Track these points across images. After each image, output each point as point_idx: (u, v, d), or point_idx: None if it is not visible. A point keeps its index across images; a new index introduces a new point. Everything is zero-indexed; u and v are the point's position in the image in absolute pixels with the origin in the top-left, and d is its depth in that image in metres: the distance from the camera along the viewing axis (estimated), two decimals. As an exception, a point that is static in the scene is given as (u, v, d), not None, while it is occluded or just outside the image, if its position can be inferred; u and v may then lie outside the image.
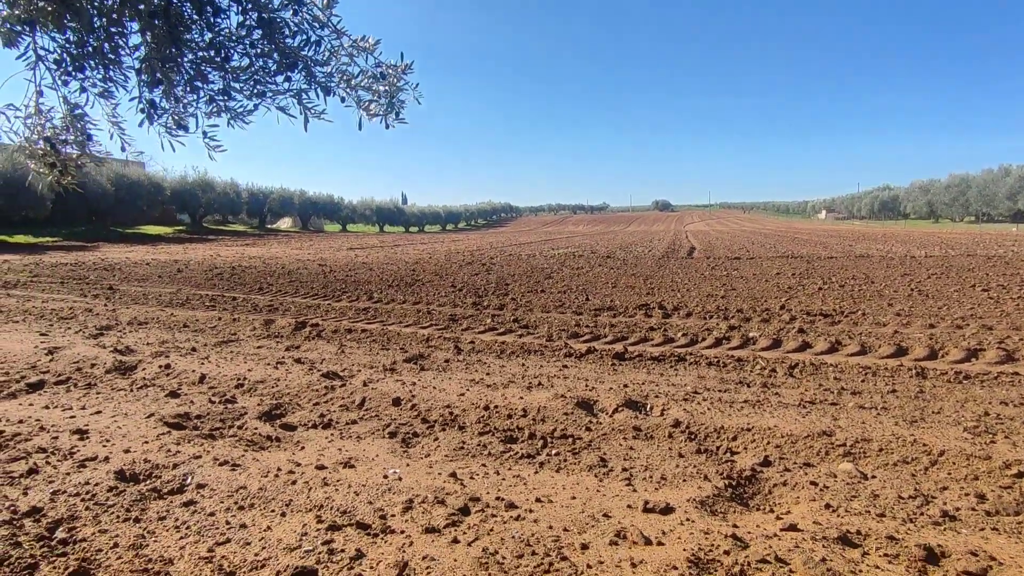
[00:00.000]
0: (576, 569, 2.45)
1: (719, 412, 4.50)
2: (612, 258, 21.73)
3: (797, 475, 3.36)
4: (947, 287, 11.07)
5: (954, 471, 3.39)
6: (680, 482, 3.31)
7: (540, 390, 5.20)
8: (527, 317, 9.12)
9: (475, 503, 3.04)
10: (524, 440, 3.95)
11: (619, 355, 6.39)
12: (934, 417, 4.33)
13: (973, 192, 48.92)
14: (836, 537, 2.68)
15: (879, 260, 17.68)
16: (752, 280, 13.14)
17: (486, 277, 15.35)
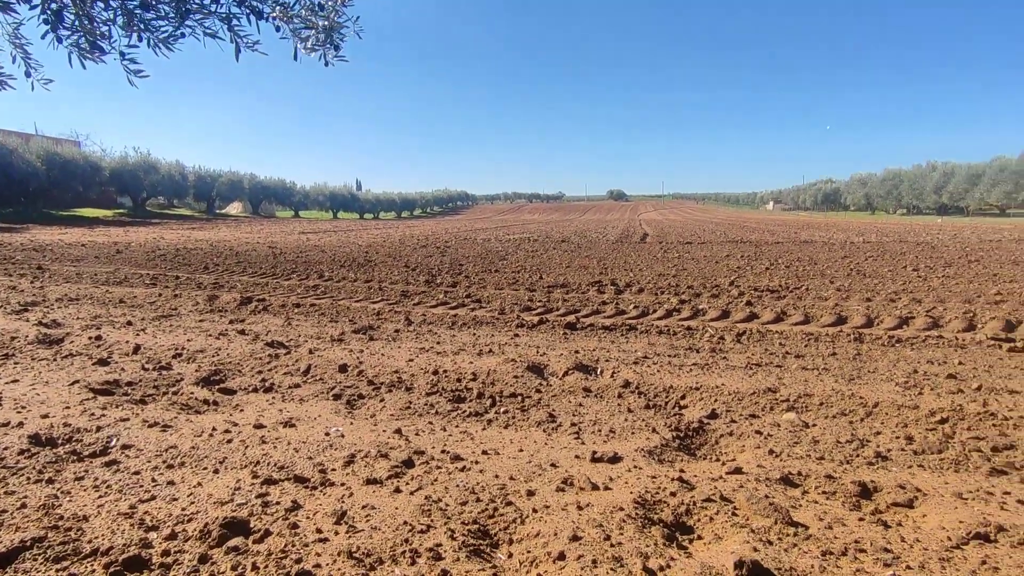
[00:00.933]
0: (521, 513, 2.40)
1: (668, 374, 4.54)
2: (567, 242, 21.83)
3: (743, 426, 3.41)
4: (882, 268, 11.58)
5: (887, 419, 3.51)
6: (629, 434, 3.31)
7: (491, 356, 5.13)
8: (480, 293, 9.03)
9: (419, 456, 2.96)
10: (472, 400, 3.88)
11: (571, 325, 6.39)
12: (870, 375, 4.48)
13: (905, 186, 51.56)
14: (779, 478, 2.73)
15: (822, 245, 18.36)
16: (703, 262, 13.42)
17: (440, 259, 15.17)
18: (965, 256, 13.56)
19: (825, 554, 2.11)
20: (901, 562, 2.08)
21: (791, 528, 2.27)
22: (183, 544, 2.14)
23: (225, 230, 31.12)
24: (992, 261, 12.38)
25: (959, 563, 2.08)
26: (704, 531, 2.30)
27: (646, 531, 2.24)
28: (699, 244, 19.48)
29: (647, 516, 2.35)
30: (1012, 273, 10.30)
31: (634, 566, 2.00)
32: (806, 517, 2.39)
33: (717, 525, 2.32)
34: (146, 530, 2.24)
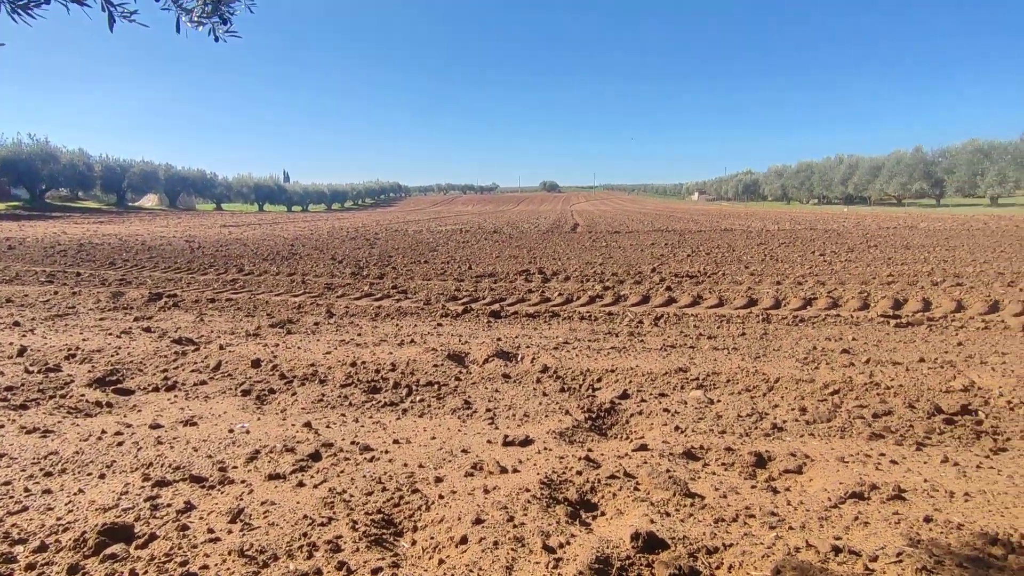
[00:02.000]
0: (427, 500, 2.37)
1: (586, 357, 4.63)
2: (498, 233, 21.86)
3: (652, 404, 3.52)
4: (792, 253, 12.28)
5: (785, 393, 3.71)
6: (542, 418, 3.34)
7: (412, 346, 5.07)
8: (407, 284, 8.90)
9: (328, 449, 2.87)
10: (388, 390, 3.82)
11: (495, 313, 6.40)
12: (774, 353, 4.74)
13: (816, 177, 55.08)
14: (681, 452, 2.83)
15: (740, 233, 19.26)
16: (629, 250, 13.77)
17: (369, 251, 14.83)
18: (865, 242, 14.58)
19: (717, 521, 2.21)
20: (784, 524, 2.20)
21: (688, 499, 2.36)
22: (54, 556, 1.98)
23: (138, 224, 29.20)
24: (888, 246, 13.37)
25: (835, 520, 2.23)
26: (607, 507, 2.36)
27: (550, 510, 2.27)
28: (627, 233, 19.99)
29: (552, 496, 2.38)
30: (903, 257, 11.17)
31: (534, 545, 2.02)
32: (703, 488, 2.49)
33: (620, 500, 2.38)
34: (11, 544, 2.06)
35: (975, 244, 13.22)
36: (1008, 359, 4.45)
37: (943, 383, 3.87)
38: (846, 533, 2.15)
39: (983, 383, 3.87)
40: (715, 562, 1.97)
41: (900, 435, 3.05)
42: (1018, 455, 2.83)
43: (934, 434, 3.06)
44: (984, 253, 11.33)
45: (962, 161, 39.03)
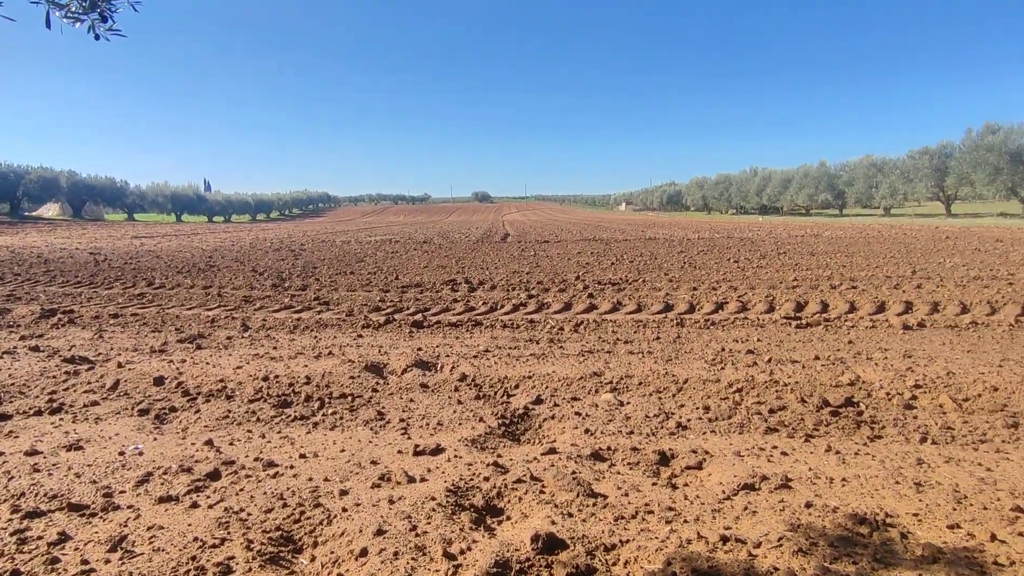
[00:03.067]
0: (330, 514, 2.31)
1: (506, 365, 4.66)
2: (428, 243, 21.71)
3: (565, 408, 3.58)
4: (710, 260, 12.89)
5: (693, 393, 3.88)
6: (456, 426, 3.34)
7: (329, 358, 4.94)
8: (331, 296, 8.68)
9: (229, 467, 2.75)
10: (300, 403, 3.70)
11: (418, 323, 6.34)
12: (686, 355, 4.94)
13: (734, 188, 58.25)
14: (589, 454, 2.90)
15: (663, 242, 20.03)
16: (556, 259, 14.02)
17: (293, 262, 14.36)
18: (776, 249, 15.50)
19: (617, 519, 2.27)
20: (680, 517, 2.29)
21: (591, 499, 2.42)
22: (-103, 598, 1.79)
23: (34, 235, 26.96)
24: (795, 253, 14.28)
25: (727, 512, 2.35)
26: (513, 511, 2.38)
27: (455, 517, 2.26)
28: (555, 243, 20.34)
29: (458, 503, 2.38)
30: (808, 263, 11.96)
31: (435, 553, 2.01)
32: (607, 488, 2.56)
33: (525, 504, 2.41)
34: None
35: (869, 251, 14.33)
36: (889, 354, 4.85)
37: (833, 378, 4.17)
38: (736, 523, 2.27)
39: (867, 377, 4.19)
40: (612, 559, 2.03)
41: (792, 428, 3.25)
42: (891, 441, 3.08)
43: (821, 426, 3.28)
44: (876, 259, 12.30)
45: (860, 175, 42.37)
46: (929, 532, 2.21)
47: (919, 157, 37.10)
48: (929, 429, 3.22)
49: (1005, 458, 2.86)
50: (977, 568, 1.95)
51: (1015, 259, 11.81)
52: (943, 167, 35.14)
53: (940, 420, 3.35)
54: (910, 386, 3.96)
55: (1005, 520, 2.26)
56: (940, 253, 13.34)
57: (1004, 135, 31.79)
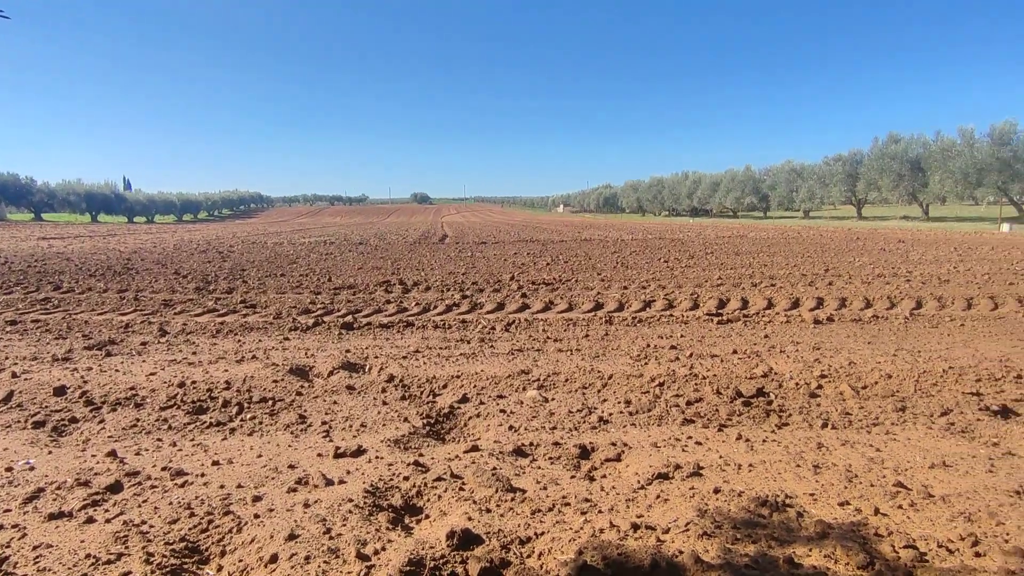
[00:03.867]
0: (240, 521, 2.23)
1: (435, 365, 4.64)
2: (364, 244, 21.30)
3: (490, 406, 3.61)
4: (641, 260, 13.29)
5: (616, 388, 3.99)
6: (380, 427, 3.29)
7: (252, 362, 4.76)
8: (258, 299, 8.37)
9: (132, 478, 2.60)
10: (217, 409, 3.55)
11: (348, 325, 6.22)
12: (613, 352, 5.07)
13: (666, 191, 60.40)
14: (511, 450, 2.93)
15: (598, 243, 20.46)
16: (493, 260, 14.06)
17: (220, 264, 13.75)
18: (704, 250, 16.15)
19: (534, 512, 2.31)
20: (595, 508, 2.36)
21: (510, 494, 2.45)
22: None
23: (-76, 236, 24.63)
24: (721, 253, 14.92)
25: (640, 500, 2.43)
26: (432, 509, 2.37)
27: (372, 518, 2.23)
28: (493, 244, 20.40)
29: (376, 503, 2.35)
30: (733, 262, 12.53)
31: (348, 555, 1.97)
32: (526, 482, 2.60)
33: (444, 502, 2.41)
34: None
35: (789, 251, 15.16)
36: (800, 347, 5.15)
37: (748, 370, 4.39)
38: (648, 511, 2.35)
39: (779, 369, 4.43)
40: (527, 551, 2.06)
41: (707, 419, 3.40)
42: (796, 428, 3.27)
43: (735, 416, 3.45)
44: (794, 258, 13.03)
45: (781, 179, 44.79)
46: (823, 510, 2.36)
47: (833, 163, 39.60)
48: (830, 415, 3.44)
49: (893, 439, 3.10)
50: (860, 540, 2.11)
51: (914, 258, 12.79)
52: (854, 173, 37.64)
53: (840, 406, 3.59)
54: (816, 376, 4.22)
55: (888, 495, 2.45)
56: (851, 253, 14.26)
57: (905, 145, 34.42)
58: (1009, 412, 3.48)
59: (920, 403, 3.62)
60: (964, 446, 2.98)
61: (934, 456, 2.85)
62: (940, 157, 31.42)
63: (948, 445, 3.00)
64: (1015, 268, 10.54)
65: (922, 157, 33.07)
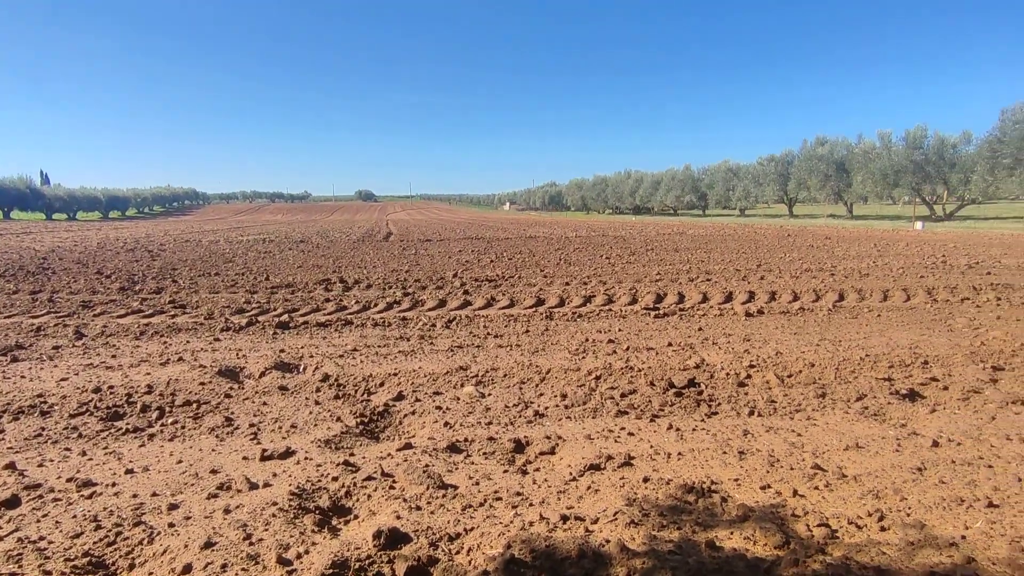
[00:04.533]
0: (152, 531, 2.11)
1: (372, 363, 4.55)
2: (306, 242, 20.71)
3: (427, 403, 3.56)
4: (584, 257, 13.47)
5: (554, 382, 4.02)
6: (311, 427, 3.20)
7: (178, 365, 4.53)
8: (189, 299, 7.99)
9: (32, 491, 2.42)
10: (135, 415, 3.36)
11: (283, 324, 6.02)
12: (552, 347, 5.11)
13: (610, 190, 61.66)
14: (445, 447, 2.90)
15: (542, 240, 20.62)
16: (437, 257, 13.94)
17: (149, 263, 13.06)
18: (645, 247, 16.53)
19: (465, 508, 2.29)
20: (527, 502, 2.36)
21: (441, 491, 2.42)
22: None
23: None
24: (661, 250, 15.32)
25: (572, 492, 2.45)
26: (360, 509, 2.32)
27: (297, 521, 2.16)
28: (438, 242, 20.24)
29: (302, 506, 2.28)
30: (672, 259, 12.88)
31: (269, 559, 1.90)
32: (459, 478, 2.57)
33: (374, 501, 2.36)
34: None
35: (725, 247, 15.72)
36: (732, 339, 5.34)
37: (682, 362, 4.51)
38: (578, 502, 2.38)
39: (711, 360, 4.58)
40: (456, 547, 2.04)
41: (640, 410, 3.47)
42: (724, 417, 3.39)
43: (667, 406, 3.53)
44: (730, 254, 13.52)
45: (719, 178, 46.44)
46: (745, 494, 2.45)
47: (767, 164, 41.34)
48: (757, 403, 3.58)
49: (813, 424, 3.25)
50: (778, 521, 2.19)
51: (838, 253, 13.50)
52: (786, 173, 39.43)
53: (766, 395, 3.73)
54: (745, 366, 4.38)
55: (806, 477, 2.57)
56: (782, 249, 14.92)
57: (831, 147, 36.33)
58: (916, 395, 3.71)
59: (839, 389, 3.81)
60: (876, 428, 3.16)
61: (849, 439, 3.00)
62: (862, 159, 33.32)
63: (862, 428, 3.17)
64: (925, 263, 11.29)
65: (846, 159, 34.98)
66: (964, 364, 4.35)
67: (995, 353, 4.64)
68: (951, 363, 4.40)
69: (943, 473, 2.60)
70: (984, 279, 8.87)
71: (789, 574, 1.86)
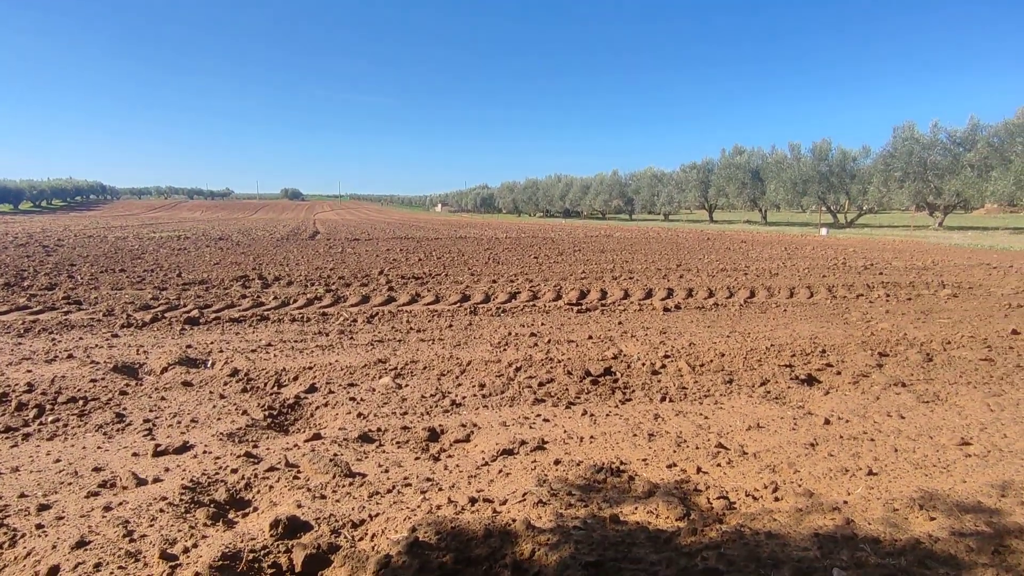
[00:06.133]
0: (16, 534, 1.92)
1: (287, 358, 4.36)
2: (225, 240, 19.69)
3: (340, 395, 3.45)
4: (512, 257, 13.56)
5: (474, 374, 4.00)
6: (213, 421, 3.02)
7: (67, 362, 4.17)
8: (87, 295, 7.40)
9: None
10: (7, 413, 3.05)
11: (193, 320, 5.67)
12: (475, 341, 5.09)
13: (541, 193, 62.66)
14: (357, 437, 2.81)
15: (473, 240, 20.59)
16: (364, 256, 13.61)
17: (43, 259, 12.02)
18: (572, 248, 16.84)
19: (372, 495, 2.23)
20: (436, 487, 2.32)
21: (348, 479, 2.34)
22: None
23: None
24: (588, 250, 15.65)
25: (483, 476, 2.43)
26: (260, 501, 2.20)
27: (188, 516, 2.02)
28: (366, 241, 19.79)
29: (195, 500, 2.14)
30: (598, 259, 13.18)
31: (151, 556, 1.77)
32: (368, 467, 2.50)
33: (276, 492, 2.25)
34: None
35: (648, 249, 16.26)
36: (649, 332, 5.51)
37: (600, 353, 4.60)
38: (489, 485, 2.36)
39: (628, 351, 4.70)
40: (359, 534, 1.97)
41: (557, 398, 3.51)
42: (638, 403, 3.48)
43: (583, 394, 3.59)
44: (652, 255, 14.00)
45: (644, 184, 48.09)
46: (653, 473, 2.52)
47: (689, 171, 43.16)
48: (669, 390, 3.70)
49: (720, 408, 3.39)
50: (682, 496, 2.27)
51: (752, 255, 14.26)
52: (707, 180, 41.31)
53: (678, 382, 3.87)
54: (661, 356, 4.52)
55: (710, 455, 2.67)
56: (701, 251, 15.59)
57: (748, 156, 38.43)
58: (813, 380, 3.96)
59: (745, 376, 4.01)
60: (776, 410, 3.34)
61: (751, 420, 3.15)
62: (775, 168, 35.42)
63: (764, 410, 3.34)
64: (828, 264, 12.12)
65: (761, 168, 37.08)
66: (856, 352, 4.68)
67: (882, 343, 5.02)
68: (845, 351, 4.72)
69: (832, 447, 2.77)
70: (876, 278, 9.62)
71: (688, 543, 1.92)
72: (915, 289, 8.41)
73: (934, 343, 5.01)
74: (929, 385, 3.82)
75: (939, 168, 27.24)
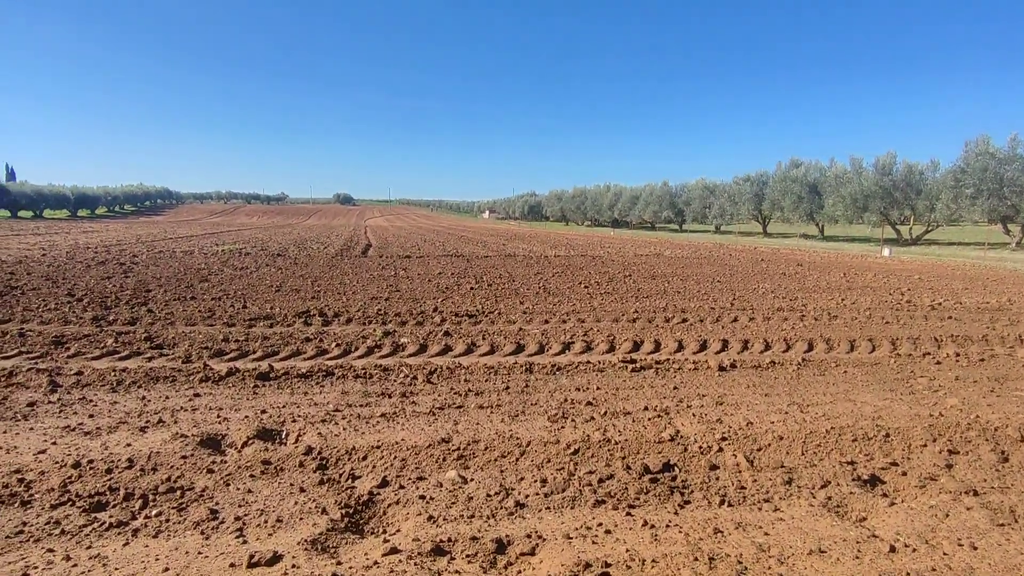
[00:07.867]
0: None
1: (354, 431, 4.61)
2: (283, 256, 20.55)
3: (410, 491, 3.64)
4: (563, 284, 13.66)
5: (534, 458, 4.13)
6: (296, 521, 3.25)
7: (158, 430, 4.53)
8: (164, 333, 7.93)
9: (20, 612, 2.44)
10: (117, 504, 3.37)
11: (264, 375, 6.02)
12: (532, 409, 5.22)
13: (589, 202, 62.51)
14: (429, 550, 2.98)
15: (522, 259, 20.79)
16: (416, 281, 13.98)
17: (122, 281, 12.87)
18: (623, 272, 16.79)
19: (450, 634, 2.38)
20: (508, 624, 2.46)
21: (427, 611, 2.50)
22: None
23: None
24: (639, 275, 15.59)
25: (551, 612, 2.56)
26: (348, 634, 2.39)
27: (286, 654, 2.23)
28: (417, 258, 20.26)
29: (291, 634, 2.34)
30: (648, 287, 13.13)
31: None
32: (443, 592, 2.66)
33: (361, 624, 2.43)
34: None
35: (701, 275, 16.05)
36: (705, 402, 5.52)
37: (657, 434, 4.65)
38: (558, 623, 2.48)
39: (684, 431, 4.74)
40: None
41: (617, 499, 3.60)
42: (696, 507, 3.53)
43: (642, 494, 3.66)
44: (704, 285, 13.82)
45: (695, 196, 47.33)
46: (715, 612, 2.59)
47: (742, 183, 42.21)
48: (727, 490, 3.73)
49: (780, 520, 3.41)
50: (745, 653, 2.33)
51: (809, 284, 13.91)
52: (760, 193, 40.33)
53: (736, 480, 3.89)
54: (717, 439, 4.54)
55: (772, 594, 2.72)
56: (756, 278, 15.30)
57: (804, 169, 37.32)
58: (877, 481, 3.91)
59: (805, 474, 3.99)
60: (838, 528, 3.33)
61: (812, 541, 3.17)
62: (834, 183, 34.28)
63: (825, 526, 3.34)
64: (891, 301, 11.71)
65: (819, 182, 35.94)
66: (922, 441, 4.57)
67: (951, 427, 4.88)
68: (911, 439, 4.62)
69: (898, 586, 2.77)
70: (945, 327, 9.25)
71: None
72: (988, 345, 8.07)
73: (1009, 429, 4.84)
74: (1004, 496, 3.73)
75: (1017, 184, 25.80)
